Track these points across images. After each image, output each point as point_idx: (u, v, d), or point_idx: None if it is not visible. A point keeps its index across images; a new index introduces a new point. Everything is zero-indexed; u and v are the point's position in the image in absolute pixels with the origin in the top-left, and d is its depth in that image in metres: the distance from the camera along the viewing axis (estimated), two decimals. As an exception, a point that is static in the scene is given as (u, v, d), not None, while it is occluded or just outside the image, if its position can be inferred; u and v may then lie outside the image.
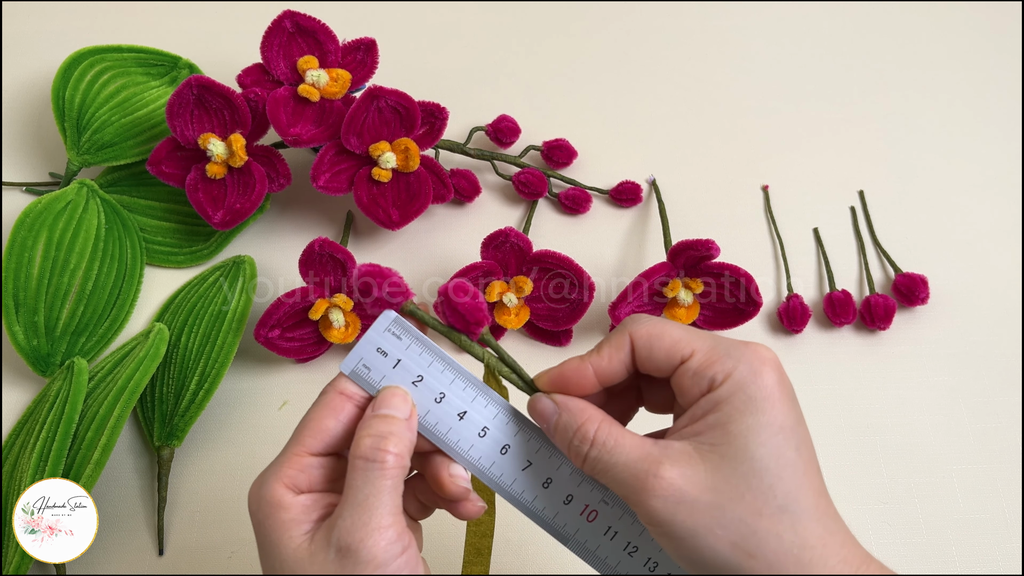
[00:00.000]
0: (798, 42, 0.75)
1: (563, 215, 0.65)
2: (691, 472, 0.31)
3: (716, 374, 0.31)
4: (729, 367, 0.31)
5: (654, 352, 0.33)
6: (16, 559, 0.47)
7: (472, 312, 0.33)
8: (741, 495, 0.30)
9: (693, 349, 0.32)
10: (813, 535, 0.30)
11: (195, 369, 0.55)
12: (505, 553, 0.51)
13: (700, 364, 0.32)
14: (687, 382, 0.32)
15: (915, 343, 0.59)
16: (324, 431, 0.35)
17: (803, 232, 0.64)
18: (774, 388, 0.31)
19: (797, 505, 0.30)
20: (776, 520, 0.30)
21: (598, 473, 0.33)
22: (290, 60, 0.60)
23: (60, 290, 0.57)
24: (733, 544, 0.30)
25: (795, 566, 0.30)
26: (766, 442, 0.31)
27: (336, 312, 0.55)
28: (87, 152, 0.63)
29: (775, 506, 0.30)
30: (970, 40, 0.76)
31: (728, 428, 0.31)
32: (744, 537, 0.30)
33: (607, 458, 0.32)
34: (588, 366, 0.34)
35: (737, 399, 0.31)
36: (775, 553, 0.30)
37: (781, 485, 0.30)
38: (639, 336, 0.33)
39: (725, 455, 0.30)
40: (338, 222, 0.64)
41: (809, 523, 0.30)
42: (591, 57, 0.74)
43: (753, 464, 0.30)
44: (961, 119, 0.71)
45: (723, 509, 0.30)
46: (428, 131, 0.59)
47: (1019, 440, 0.56)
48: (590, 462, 0.33)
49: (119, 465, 0.55)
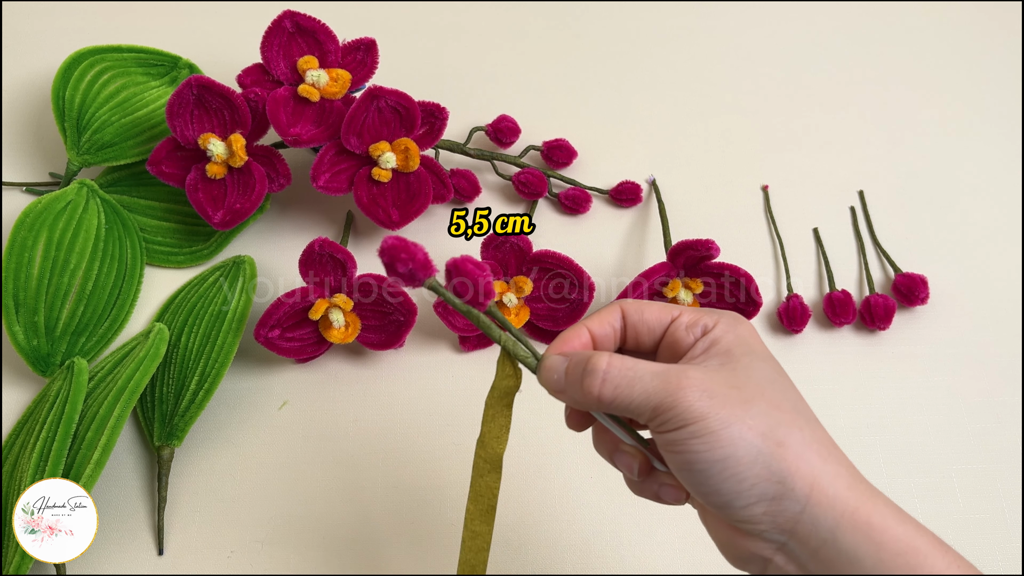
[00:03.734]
0: (798, 42, 0.75)
1: (563, 215, 0.65)
2: (714, 375, 0.33)
3: (707, 322, 0.35)
4: (715, 318, 0.35)
5: (645, 315, 0.36)
6: (16, 559, 0.47)
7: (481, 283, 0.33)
8: (761, 393, 0.32)
9: (680, 311, 0.36)
10: (824, 438, 0.33)
11: (195, 369, 0.55)
12: (505, 554, 0.51)
13: (690, 319, 0.35)
14: (682, 333, 0.35)
15: (915, 343, 0.59)
16: None
17: (803, 232, 0.64)
18: (755, 333, 0.36)
19: (806, 412, 0.33)
20: (794, 416, 0.32)
21: (621, 392, 0.33)
22: (290, 60, 0.60)
23: (60, 290, 0.57)
24: (763, 434, 0.31)
25: (818, 458, 0.31)
26: (766, 362, 0.34)
27: (336, 312, 0.55)
28: (87, 152, 0.63)
29: (790, 406, 0.33)
30: (970, 40, 0.76)
31: (732, 352, 0.34)
32: (772, 427, 0.31)
33: (630, 374, 0.33)
34: (583, 326, 0.37)
35: (731, 335, 0.34)
36: (800, 444, 0.31)
37: (789, 394, 0.33)
38: (629, 304, 0.37)
39: (736, 368, 0.33)
40: (338, 222, 0.64)
41: (817, 428, 0.33)
42: (591, 57, 0.74)
43: (762, 374, 0.33)
44: (961, 119, 0.71)
45: (749, 402, 0.32)
46: (428, 131, 0.59)
47: (1019, 440, 0.56)
48: (611, 383, 0.33)
49: (119, 465, 0.55)
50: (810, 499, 0.31)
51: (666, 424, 0.32)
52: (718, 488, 0.31)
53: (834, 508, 0.31)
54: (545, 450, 0.55)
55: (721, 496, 0.32)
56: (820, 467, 0.31)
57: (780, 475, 0.31)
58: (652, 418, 0.33)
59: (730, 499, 0.31)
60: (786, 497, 0.31)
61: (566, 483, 0.54)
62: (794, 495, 0.31)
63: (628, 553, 0.51)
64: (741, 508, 0.31)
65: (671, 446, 0.32)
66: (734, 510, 0.32)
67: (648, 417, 0.33)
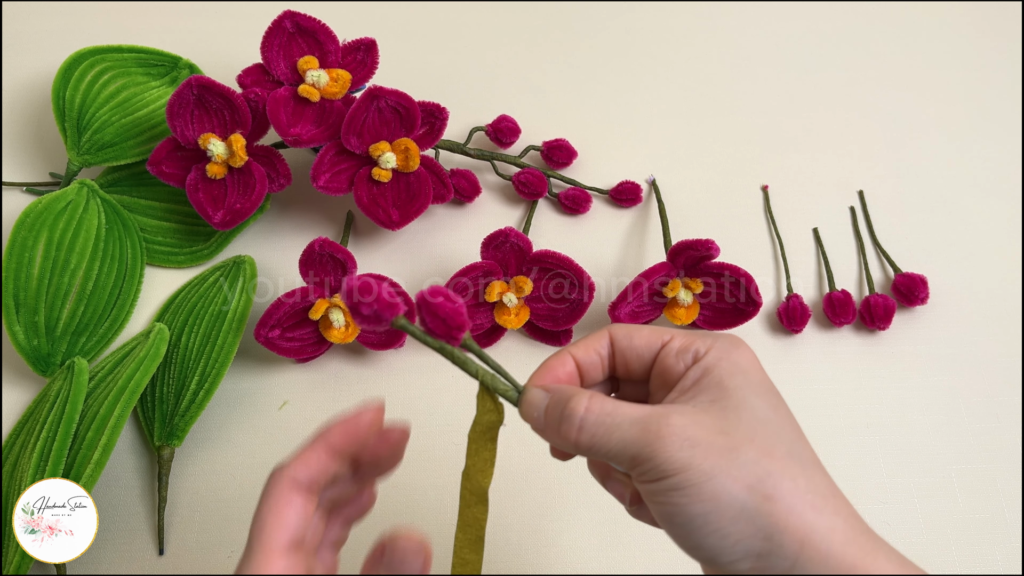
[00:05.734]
0: (798, 42, 0.75)
1: (563, 215, 0.65)
2: (699, 419, 0.30)
3: (699, 348, 0.33)
4: (709, 343, 0.33)
5: (634, 341, 0.34)
6: (16, 559, 0.47)
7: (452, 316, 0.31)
8: (751, 438, 0.30)
9: (672, 335, 0.34)
10: (823, 484, 0.30)
11: (195, 369, 0.55)
12: (504, 553, 0.51)
13: (681, 344, 0.33)
14: (672, 360, 0.33)
15: (915, 343, 0.59)
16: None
17: (803, 232, 0.64)
18: (754, 359, 0.33)
19: (803, 455, 0.31)
20: (787, 463, 0.30)
21: (598, 441, 0.31)
22: (290, 60, 0.60)
23: (60, 290, 0.57)
24: (750, 487, 0.29)
25: (811, 511, 0.29)
26: (762, 396, 0.32)
27: (336, 312, 0.55)
28: (87, 152, 0.63)
29: (784, 451, 0.30)
30: (970, 40, 0.76)
31: (724, 385, 0.31)
32: (760, 479, 0.29)
33: (608, 420, 0.31)
34: (567, 354, 0.35)
35: (725, 363, 0.32)
36: (791, 494, 0.29)
37: (785, 434, 0.31)
38: (618, 329, 0.35)
39: (727, 407, 0.31)
40: (338, 222, 0.64)
41: (816, 474, 0.31)
42: (591, 57, 0.74)
43: (755, 413, 0.31)
44: (961, 119, 0.71)
45: (736, 451, 0.30)
46: (428, 131, 0.59)
47: (1019, 440, 0.56)
48: (588, 431, 0.31)
49: (119, 465, 0.55)
50: (800, 557, 0.29)
51: (645, 475, 0.30)
52: (701, 543, 0.30)
53: (827, 566, 0.29)
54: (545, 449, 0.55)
55: (703, 551, 0.30)
56: (813, 521, 0.29)
57: (767, 531, 0.29)
58: (632, 467, 0.31)
59: (714, 554, 0.30)
60: (774, 554, 0.29)
61: (566, 482, 0.54)
62: (783, 552, 0.29)
63: (629, 553, 0.51)
64: (727, 564, 0.30)
65: (651, 496, 0.31)
66: (719, 565, 0.30)
67: (628, 466, 0.31)
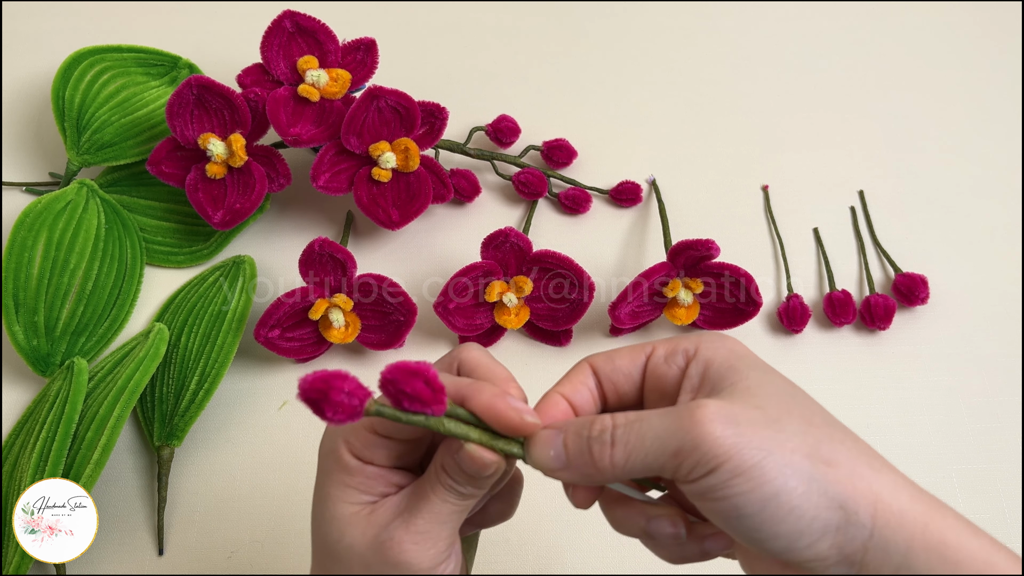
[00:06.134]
0: (798, 42, 0.75)
1: (563, 215, 0.65)
2: (730, 402, 0.28)
3: (686, 347, 0.31)
4: (695, 340, 0.31)
5: (617, 363, 0.32)
6: (16, 559, 0.47)
7: (419, 392, 0.28)
8: (788, 410, 0.28)
9: (652, 345, 0.32)
10: (864, 445, 0.28)
11: (195, 369, 0.55)
12: (504, 553, 0.51)
13: (667, 349, 0.31)
14: (663, 367, 0.31)
15: (915, 343, 0.59)
16: None
17: (803, 232, 0.64)
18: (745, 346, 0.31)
19: (835, 421, 0.29)
20: (830, 430, 0.28)
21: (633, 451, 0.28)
22: (290, 60, 0.60)
23: (60, 290, 0.57)
24: (808, 455, 0.27)
25: (871, 471, 0.27)
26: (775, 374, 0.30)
27: (336, 312, 0.55)
28: (87, 152, 0.63)
29: (821, 419, 0.28)
30: (970, 40, 0.76)
31: (735, 368, 0.29)
32: (814, 447, 0.27)
33: (638, 426, 0.28)
34: (556, 395, 0.32)
35: (724, 352, 0.30)
36: (849, 458, 0.27)
37: (813, 404, 0.29)
38: (596, 358, 0.33)
39: (749, 387, 0.28)
40: (338, 222, 0.64)
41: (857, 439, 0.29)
42: (591, 57, 0.74)
43: (778, 387, 0.29)
44: (961, 119, 0.71)
45: (780, 422, 0.27)
46: (428, 131, 0.59)
47: (1019, 440, 0.56)
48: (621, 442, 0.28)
49: (119, 465, 0.55)
50: (876, 521, 0.26)
51: (695, 470, 0.27)
52: (775, 531, 0.26)
53: (903, 528, 0.27)
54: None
55: (780, 540, 0.27)
56: (877, 481, 0.27)
57: (840, 499, 0.26)
58: (676, 467, 0.27)
59: (791, 541, 0.26)
60: (851, 524, 0.26)
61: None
62: (858, 519, 0.26)
63: (629, 553, 0.51)
64: (806, 548, 0.27)
65: (708, 495, 0.27)
66: (798, 552, 0.27)
67: (671, 467, 0.27)
